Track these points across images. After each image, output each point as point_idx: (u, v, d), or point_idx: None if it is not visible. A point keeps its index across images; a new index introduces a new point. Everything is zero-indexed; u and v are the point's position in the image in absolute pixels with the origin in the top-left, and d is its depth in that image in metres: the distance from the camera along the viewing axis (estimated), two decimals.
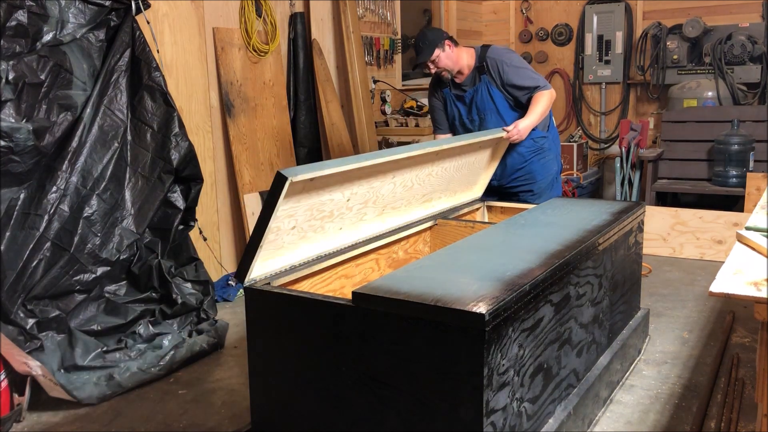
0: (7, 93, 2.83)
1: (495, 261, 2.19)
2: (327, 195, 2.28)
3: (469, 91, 3.42)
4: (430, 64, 3.35)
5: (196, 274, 3.48)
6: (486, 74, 3.37)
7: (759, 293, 1.60)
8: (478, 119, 3.44)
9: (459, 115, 3.49)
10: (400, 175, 2.64)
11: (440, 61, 3.35)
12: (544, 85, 3.35)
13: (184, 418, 2.76)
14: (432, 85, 3.65)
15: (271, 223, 2.03)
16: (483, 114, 3.42)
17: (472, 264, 2.18)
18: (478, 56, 3.40)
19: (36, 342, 2.83)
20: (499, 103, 3.38)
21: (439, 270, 2.11)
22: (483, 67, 3.38)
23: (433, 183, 2.94)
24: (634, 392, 2.85)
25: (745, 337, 3.38)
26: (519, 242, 2.48)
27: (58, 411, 2.82)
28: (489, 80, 3.37)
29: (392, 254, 2.84)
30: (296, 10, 4.80)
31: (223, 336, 3.48)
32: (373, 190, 2.53)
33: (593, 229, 2.56)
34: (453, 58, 3.38)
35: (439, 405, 1.80)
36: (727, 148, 5.42)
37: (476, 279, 1.97)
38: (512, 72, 3.33)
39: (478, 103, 3.40)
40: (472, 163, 3.19)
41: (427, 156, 2.73)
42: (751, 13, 6.14)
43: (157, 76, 3.40)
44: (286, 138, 4.67)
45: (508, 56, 3.38)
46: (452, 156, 2.96)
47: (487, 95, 3.38)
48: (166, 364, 3.13)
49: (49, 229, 2.97)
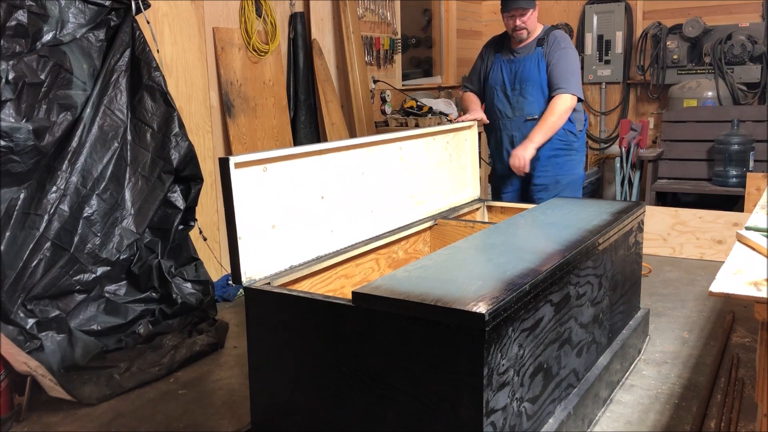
0: (7, 93, 2.83)
1: (495, 261, 2.19)
2: (297, 192, 2.30)
3: (520, 59, 3.45)
4: (522, 16, 3.36)
5: (196, 274, 3.48)
6: (542, 47, 3.41)
7: (759, 293, 1.60)
8: (519, 88, 3.45)
9: (502, 81, 3.50)
10: (368, 170, 2.64)
11: (530, 18, 3.39)
12: (569, 89, 3.35)
13: (184, 418, 2.76)
14: (487, 44, 3.68)
15: (239, 218, 2.05)
16: (524, 84, 3.43)
17: (472, 264, 2.18)
18: (544, 30, 3.46)
19: (36, 342, 2.83)
20: (543, 78, 3.40)
21: (439, 270, 2.11)
22: (543, 40, 3.42)
23: (414, 182, 2.91)
24: (634, 392, 2.85)
25: (745, 337, 3.38)
26: (519, 242, 2.48)
27: (58, 411, 2.82)
28: (542, 53, 3.40)
29: (392, 254, 2.84)
30: (296, 10, 4.80)
31: (223, 336, 3.48)
32: (346, 187, 2.53)
33: (593, 229, 2.56)
34: (534, 22, 3.44)
35: (439, 405, 1.80)
36: (727, 148, 5.42)
37: (476, 279, 1.97)
38: (557, 60, 3.36)
39: (524, 72, 3.42)
40: (447, 160, 3.18)
41: (387, 150, 2.73)
42: (751, 13, 6.14)
43: (157, 76, 3.40)
44: (286, 138, 4.66)
45: (568, 45, 3.43)
46: (417, 152, 2.94)
47: (535, 67, 3.40)
48: (166, 364, 3.13)
49: (49, 229, 2.97)
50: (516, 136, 3.51)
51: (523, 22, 3.39)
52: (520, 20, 3.38)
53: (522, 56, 3.45)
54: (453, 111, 5.82)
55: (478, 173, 3.43)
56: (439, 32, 6.93)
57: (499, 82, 3.51)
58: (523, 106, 3.47)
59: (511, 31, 3.46)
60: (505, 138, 3.57)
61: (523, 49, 3.46)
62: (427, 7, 6.82)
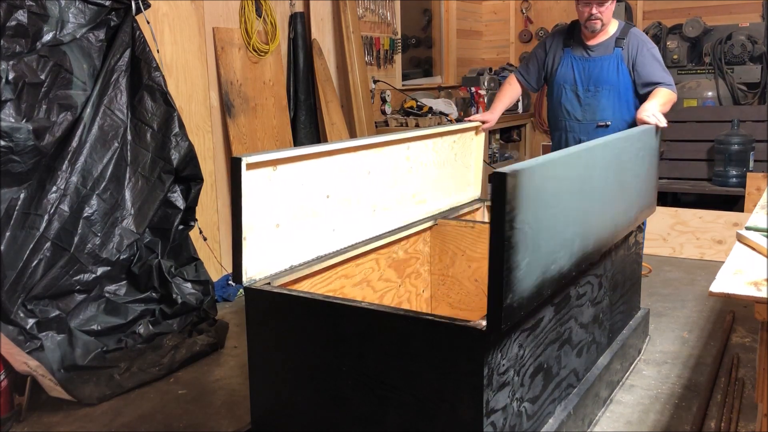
0: (7, 93, 2.83)
1: None
2: (304, 192, 2.29)
3: (597, 58, 3.20)
4: (599, 5, 3.10)
5: (196, 274, 3.48)
6: (623, 48, 3.15)
7: (759, 293, 1.60)
8: (593, 89, 3.21)
9: (573, 80, 3.24)
10: (375, 170, 2.63)
11: (607, 9, 3.12)
12: (671, 84, 3.15)
13: (184, 418, 2.76)
14: (553, 35, 3.41)
15: (245, 217, 2.04)
16: (599, 86, 3.19)
17: None
18: (620, 28, 3.21)
19: (36, 342, 2.83)
20: (622, 81, 3.17)
21: None
22: (622, 40, 3.17)
23: (417, 181, 2.92)
24: (634, 392, 2.85)
25: (745, 337, 3.38)
26: None
27: (58, 411, 2.82)
28: (622, 55, 3.16)
29: (392, 254, 2.84)
30: (296, 10, 4.80)
31: (223, 336, 3.48)
32: (352, 186, 2.52)
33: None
34: (610, 14, 3.16)
35: (439, 405, 1.80)
36: (727, 148, 5.42)
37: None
38: (649, 59, 3.14)
39: (601, 74, 3.18)
40: (452, 159, 3.17)
41: (395, 150, 2.73)
42: (751, 13, 6.14)
43: (157, 76, 3.40)
44: (286, 138, 4.66)
45: (650, 43, 3.20)
46: (424, 153, 2.93)
47: (614, 69, 3.16)
48: (166, 364, 3.13)
49: (49, 229, 2.97)
50: (584, 141, 3.21)
51: (600, 12, 3.11)
52: (597, 9, 3.10)
53: (598, 55, 3.20)
54: (453, 111, 5.82)
55: (480, 173, 3.42)
56: (439, 32, 6.93)
57: (570, 81, 3.26)
58: (596, 110, 3.25)
59: (584, 21, 3.17)
60: (571, 140, 3.35)
61: (599, 47, 3.20)
62: (427, 7, 6.82)
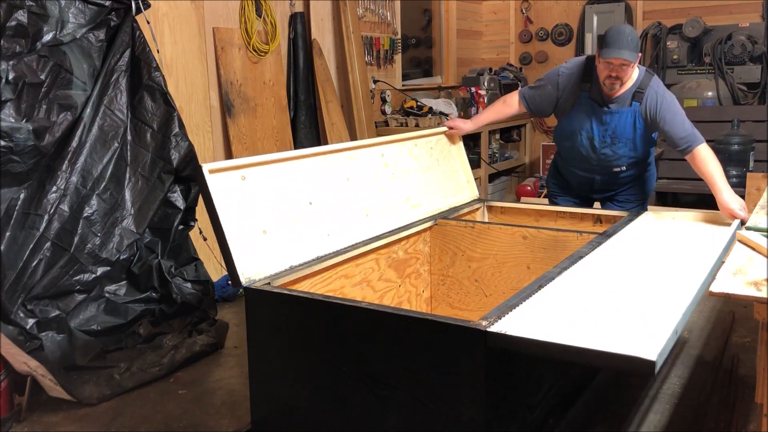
0: (7, 93, 2.83)
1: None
2: (282, 198, 2.32)
3: (616, 111, 3.03)
4: (621, 66, 2.88)
5: (196, 274, 3.48)
6: (640, 103, 3.00)
7: (759, 293, 1.60)
8: (610, 141, 3.10)
9: (590, 129, 3.10)
10: (353, 177, 2.65)
11: (629, 69, 2.92)
12: (698, 139, 2.99)
13: (184, 418, 2.76)
14: (569, 73, 3.15)
15: (224, 224, 2.08)
16: (618, 139, 3.08)
17: None
18: (640, 78, 3.02)
19: (36, 342, 2.83)
20: (638, 133, 3.07)
21: None
22: (641, 94, 3.00)
23: (406, 186, 2.92)
24: (634, 392, 2.85)
25: (745, 337, 3.38)
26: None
27: (58, 411, 2.82)
28: (639, 110, 3.01)
29: (392, 254, 2.84)
30: (296, 10, 4.80)
31: (223, 336, 3.48)
32: (334, 192, 2.55)
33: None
34: (630, 75, 2.98)
35: (439, 405, 1.80)
36: (727, 148, 5.41)
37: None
38: (670, 118, 2.96)
39: (618, 128, 3.06)
40: (436, 165, 3.18)
41: (370, 156, 2.75)
42: (751, 13, 6.14)
43: (157, 76, 3.40)
44: (286, 138, 4.66)
45: (669, 95, 3.02)
46: (396, 158, 2.93)
47: (631, 123, 3.04)
48: (166, 364, 3.13)
49: (49, 229, 2.97)
50: (598, 179, 3.24)
51: (622, 75, 2.91)
52: (618, 72, 2.90)
53: (616, 108, 3.04)
54: (453, 111, 5.82)
55: (471, 175, 3.42)
56: (439, 32, 6.93)
57: (586, 128, 3.12)
58: (611, 160, 3.14)
59: (603, 79, 2.96)
60: (583, 172, 3.27)
61: (618, 99, 3.03)
62: (427, 7, 6.82)
